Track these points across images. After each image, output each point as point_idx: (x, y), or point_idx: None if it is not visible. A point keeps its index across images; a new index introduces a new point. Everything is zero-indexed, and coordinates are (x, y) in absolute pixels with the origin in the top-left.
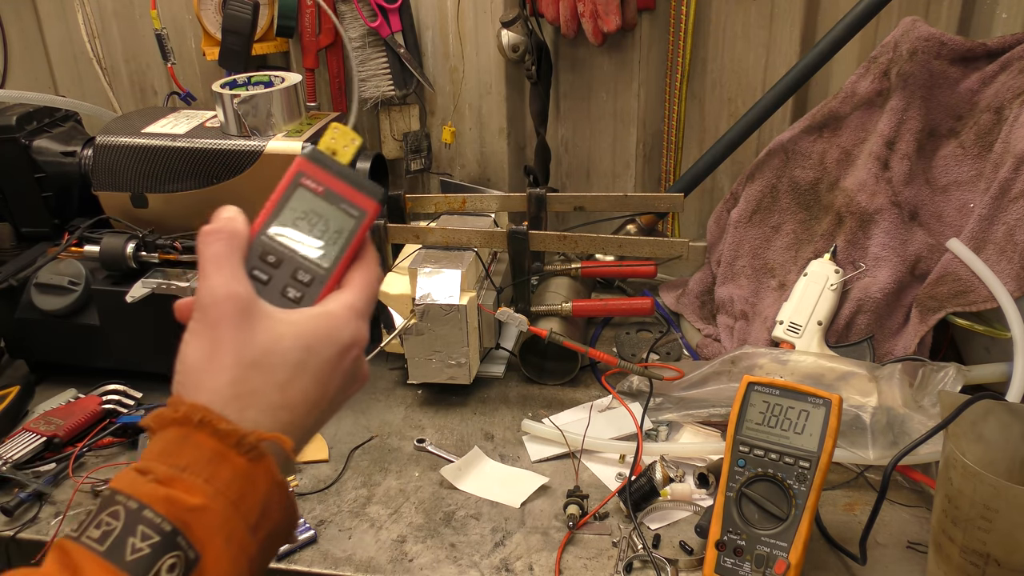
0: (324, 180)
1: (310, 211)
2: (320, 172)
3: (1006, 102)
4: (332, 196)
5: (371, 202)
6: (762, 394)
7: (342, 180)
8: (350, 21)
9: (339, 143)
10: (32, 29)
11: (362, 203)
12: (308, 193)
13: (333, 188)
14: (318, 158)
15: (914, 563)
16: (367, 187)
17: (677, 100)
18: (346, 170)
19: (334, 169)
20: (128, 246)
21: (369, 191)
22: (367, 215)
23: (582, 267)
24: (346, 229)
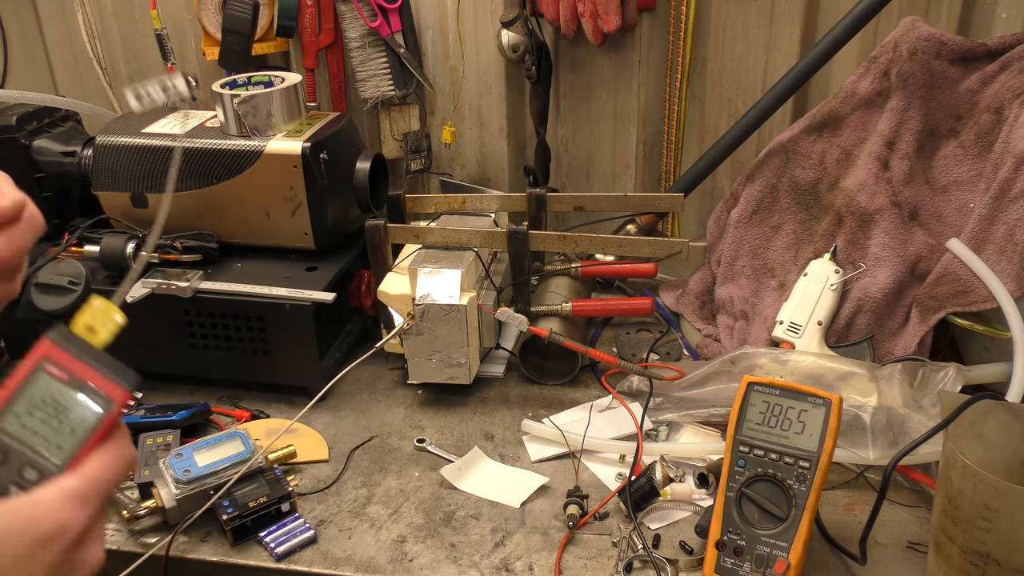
0: (70, 365)
1: (50, 399)
2: (67, 356)
3: (1006, 102)
4: (77, 383)
5: (120, 390)
6: (762, 394)
7: (91, 365)
8: (350, 21)
9: (98, 321)
10: (32, 29)
11: (110, 391)
12: (50, 380)
13: (79, 374)
14: (67, 340)
15: (914, 563)
16: (118, 373)
17: (677, 100)
18: (98, 354)
19: (83, 353)
20: (128, 246)
21: (119, 378)
22: (114, 405)
23: (582, 267)
24: (88, 420)
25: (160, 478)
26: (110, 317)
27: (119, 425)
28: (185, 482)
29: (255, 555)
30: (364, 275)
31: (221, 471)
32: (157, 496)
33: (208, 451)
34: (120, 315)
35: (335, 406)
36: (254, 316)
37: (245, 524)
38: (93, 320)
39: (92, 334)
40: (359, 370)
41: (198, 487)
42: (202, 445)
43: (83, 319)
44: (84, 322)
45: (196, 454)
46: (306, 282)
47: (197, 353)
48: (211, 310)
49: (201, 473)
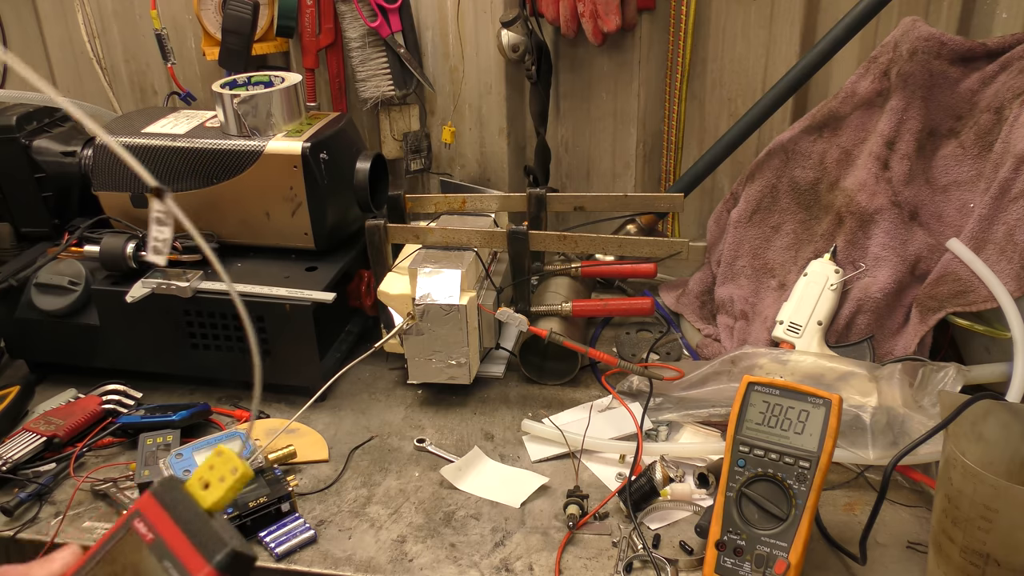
0: (161, 526)
1: (130, 564)
2: (162, 514)
3: (1006, 102)
4: (161, 549)
5: (204, 567)
6: (762, 394)
7: (183, 529)
8: (350, 21)
9: (216, 473)
10: (32, 29)
11: (191, 565)
12: (136, 541)
13: (167, 538)
14: (169, 494)
15: (914, 563)
16: (210, 546)
17: (677, 100)
18: (198, 516)
19: (182, 513)
20: (128, 246)
21: (209, 552)
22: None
23: (582, 267)
24: None
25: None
26: (229, 471)
27: None
28: None
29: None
30: (364, 275)
31: None
32: None
33: (208, 451)
34: (242, 467)
35: (335, 406)
36: (254, 316)
37: (245, 524)
38: (209, 473)
39: (204, 489)
40: (359, 370)
41: None
42: (202, 445)
43: (200, 471)
44: (200, 475)
45: (196, 454)
46: (306, 282)
47: (197, 353)
48: (211, 310)
49: None
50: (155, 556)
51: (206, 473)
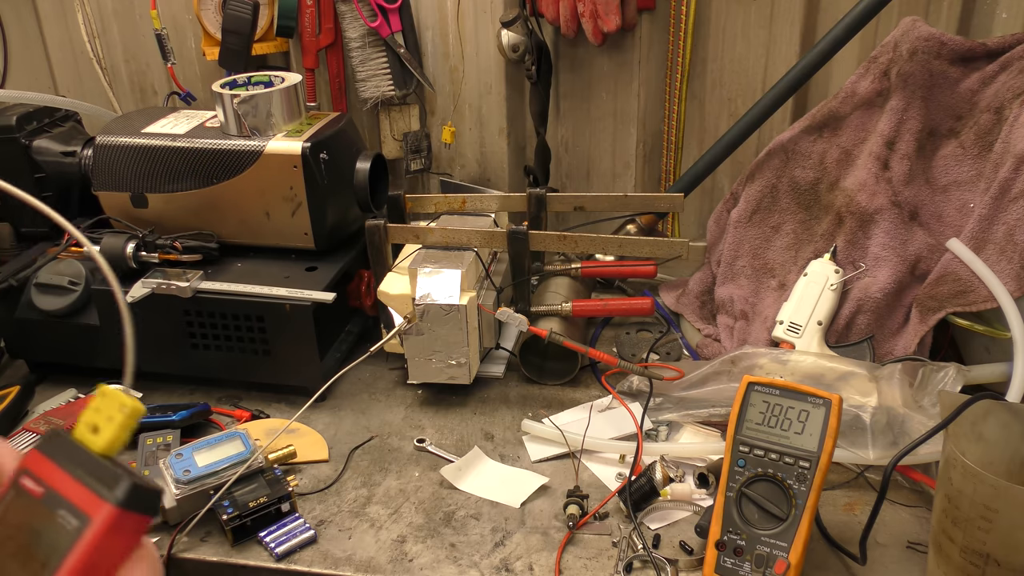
0: (49, 477)
1: (24, 523)
2: (49, 466)
3: (1006, 102)
4: (53, 499)
5: (101, 504)
6: (762, 394)
7: (72, 473)
8: (350, 21)
9: (101, 416)
10: (32, 29)
11: (88, 506)
12: (26, 499)
13: (57, 487)
14: (54, 446)
15: (914, 563)
16: (106, 483)
17: (677, 100)
18: (89, 460)
19: (70, 460)
20: (128, 246)
21: (105, 489)
22: (90, 524)
23: (582, 267)
24: (60, 547)
25: (160, 478)
26: (116, 409)
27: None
28: (185, 482)
29: (255, 555)
30: (364, 275)
31: (221, 471)
32: None
33: (208, 451)
34: (128, 403)
35: (335, 406)
36: (254, 316)
37: (245, 524)
38: (96, 415)
39: (94, 433)
40: (359, 370)
41: (198, 487)
42: (202, 445)
43: (86, 415)
44: (86, 419)
45: (196, 454)
46: (306, 282)
47: (197, 353)
48: (211, 310)
49: (201, 473)
50: (48, 507)
51: (93, 416)
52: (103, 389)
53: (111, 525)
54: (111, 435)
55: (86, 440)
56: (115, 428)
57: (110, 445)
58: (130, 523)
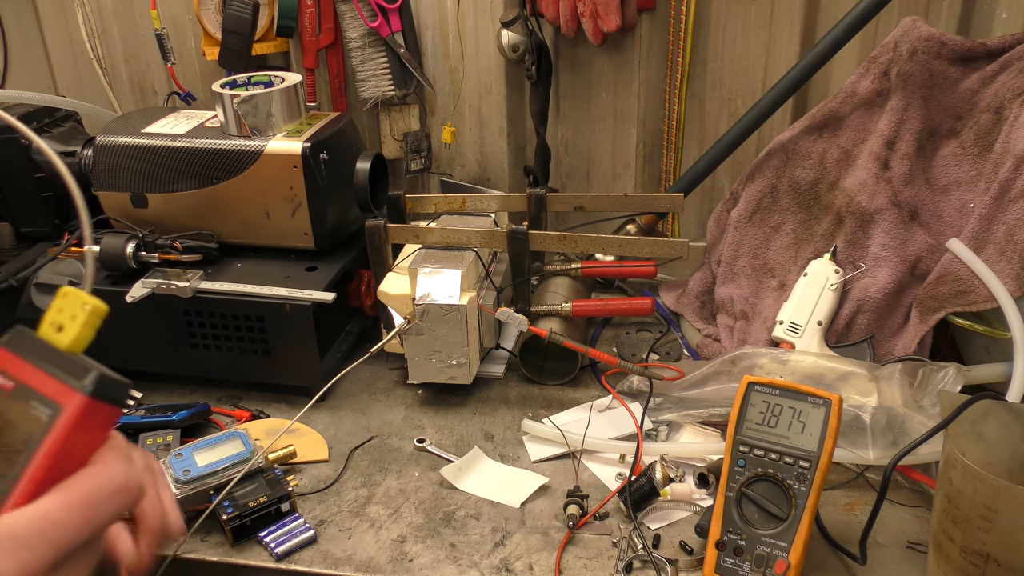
0: (18, 371)
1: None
2: (17, 362)
3: (1006, 102)
4: (23, 392)
5: (71, 393)
6: (762, 394)
7: (40, 367)
8: (350, 21)
9: (65, 315)
10: (32, 29)
11: (59, 396)
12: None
13: (27, 381)
14: (20, 343)
15: (914, 563)
16: (74, 372)
17: (677, 100)
18: (55, 355)
19: (37, 355)
20: (128, 246)
21: (74, 378)
22: (62, 412)
23: (582, 267)
24: (33, 436)
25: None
26: (79, 307)
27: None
28: (185, 482)
29: (255, 555)
30: (364, 275)
31: (221, 471)
32: None
33: (208, 451)
34: (91, 302)
35: (335, 406)
36: (254, 316)
37: (245, 524)
38: (59, 315)
39: (59, 332)
40: (359, 370)
41: (198, 487)
42: (202, 445)
43: (49, 316)
44: (50, 319)
45: (196, 454)
46: (306, 282)
47: (197, 353)
48: (211, 310)
49: (201, 473)
50: (18, 400)
51: (56, 316)
52: (64, 290)
53: (82, 413)
54: (75, 333)
55: (51, 338)
56: (79, 326)
57: (74, 343)
58: (100, 413)
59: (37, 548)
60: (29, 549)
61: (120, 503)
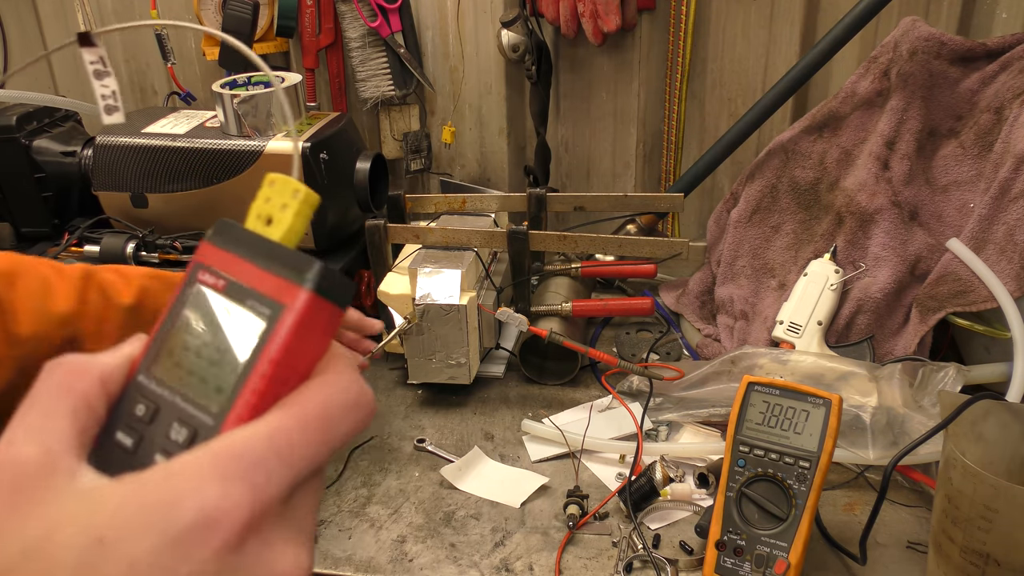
0: (229, 268)
1: (207, 320)
2: (225, 257)
3: (1006, 102)
4: (237, 291)
5: (294, 289)
6: (762, 394)
7: (255, 262)
8: (350, 21)
9: (274, 205)
10: (32, 29)
11: (279, 294)
12: (206, 293)
13: (240, 278)
14: (228, 236)
15: (914, 563)
16: (292, 265)
17: (677, 100)
18: (269, 247)
19: (245, 247)
20: (128, 246)
21: (292, 272)
22: (285, 311)
23: (582, 267)
24: (252, 339)
25: None
26: (289, 195)
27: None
28: None
29: None
30: (364, 275)
31: None
32: None
33: None
34: (303, 189)
35: None
36: None
37: None
38: (266, 205)
39: (268, 225)
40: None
41: None
42: None
43: (255, 207)
44: (256, 211)
45: None
46: None
47: None
48: None
49: None
50: (234, 300)
51: (263, 207)
52: (271, 177)
53: (308, 312)
54: (287, 224)
55: (260, 232)
56: (291, 216)
57: (286, 235)
58: (325, 314)
59: (272, 471)
60: (263, 471)
61: (357, 420)
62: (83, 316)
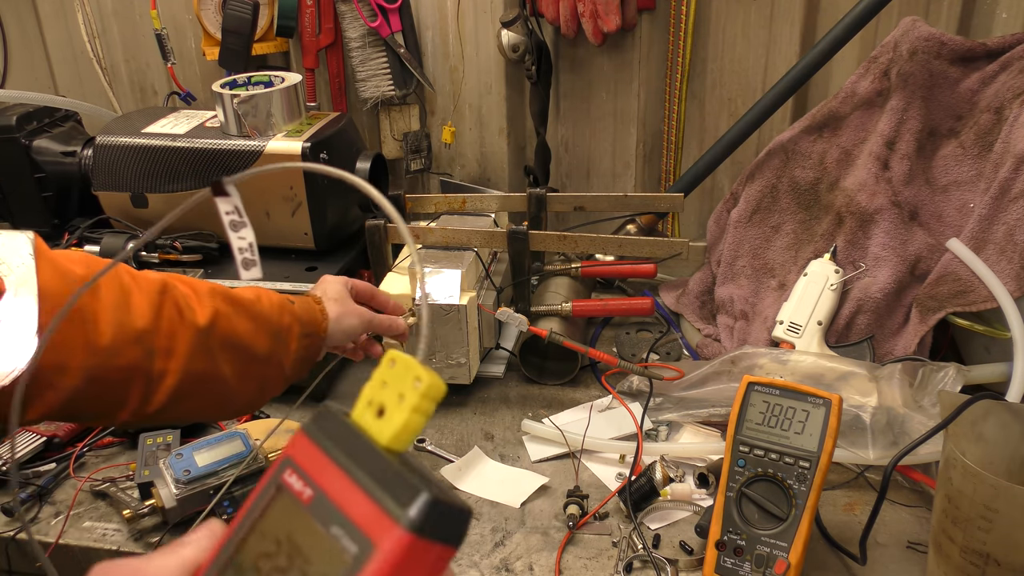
0: (321, 475)
1: (284, 534)
2: (319, 458)
3: (1006, 102)
4: (324, 509)
5: (390, 525)
6: (762, 394)
7: (351, 475)
8: (350, 21)
9: (391, 392)
10: (32, 29)
11: (372, 526)
12: (289, 503)
13: (331, 492)
14: (325, 428)
15: (914, 563)
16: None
17: (677, 100)
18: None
19: (343, 451)
20: (128, 246)
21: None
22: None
23: (582, 267)
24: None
25: (160, 478)
26: (409, 384)
27: None
28: (185, 482)
29: None
30: (364, 275)
31: (221, 471)
32: (157, 496)
33: (208, 451)
34: (427, 376)
35: None
36: None
37: None
38: (382, 392)
39: (379, 417)
40: (359, 370)
41: (198, 487)
42: (202, 445)
43: (369, 389)
44: (369, 395)
45: (196, 454)
46: (306, 282)
47: None
48: None
49: (201, 473)
50: (318, 520)
51: (378, 393)
52: (392, 355)
53: (404, 556)
54: (401, 421)
55: (368, 426)
56: (407, 411)
57: (398, 435)
58: (428, 556)
59: None
60: None
61: None
62: (157, 332)
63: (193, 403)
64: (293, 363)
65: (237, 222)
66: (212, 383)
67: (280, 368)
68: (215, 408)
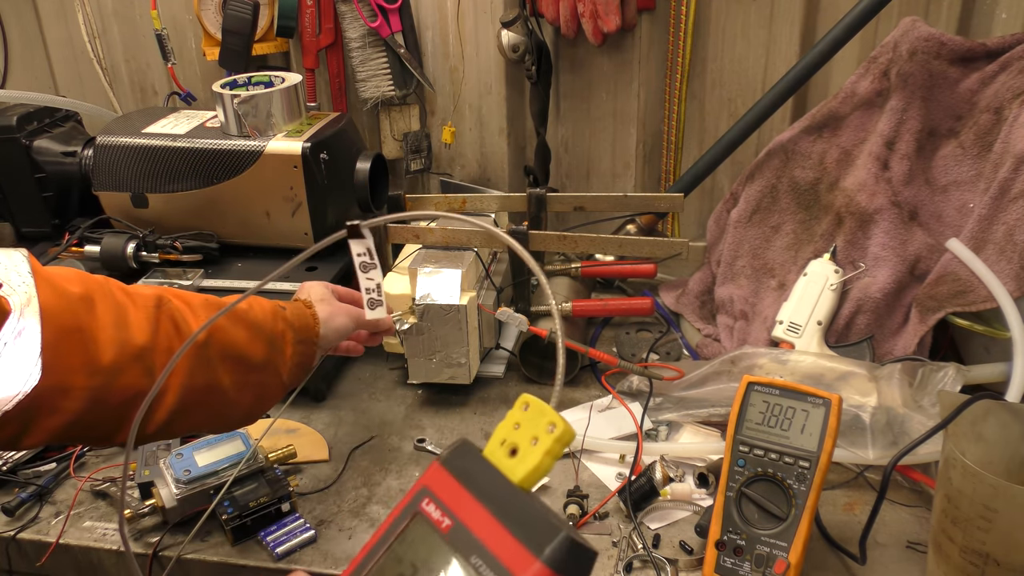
0: (459, 506)
1: (419, 560)
2: (457, 491)
3: (1006, 102)
4: (463, 540)
5: (529, 561)
6: (762, 394)
7: (490, 509)
8: (350, 21)
9: (524, 434)
10: (32, 29)
11: (512, 560)
12: (427, 531)
13: (469, 524)
14: (462, 463)
15: (914, 563)
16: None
17: (677, 100)
18: (503, 488)
19: (482, 486)
20: (128, 246)
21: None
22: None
23: (582, 267)
24: None
25: (160, 478)
26: (543, 428)
27: None
28: (185, 482)
29: (255, 555)
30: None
31: (221, 471)
32: (157, 496)
33: (208, 451)
34: (560, 423)
35: (335, 406)
36: None
37: (245, 524)
38: (515, 434)
39: (511, 456)
40: (359, 370)
41: (198, 487)
42: (202, 445)
43: (501, 430)
44: (502, 435)
45: (196, 454)
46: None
47: None
48: None
49: (201, 473)
50: (456, 550)
51: (511, 434)
52: (526, 399)
53: None
54: (534, 462)
55: (500, 464)
56: (540, 454)
57: (530, 475)
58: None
59: None
60: None
61: None
62: (156, 349)
63: (192, 419)
64: (290, 369)
65: (368, 264)
66: (211, 396)
67: (277, 375)
68: (214, 421)
